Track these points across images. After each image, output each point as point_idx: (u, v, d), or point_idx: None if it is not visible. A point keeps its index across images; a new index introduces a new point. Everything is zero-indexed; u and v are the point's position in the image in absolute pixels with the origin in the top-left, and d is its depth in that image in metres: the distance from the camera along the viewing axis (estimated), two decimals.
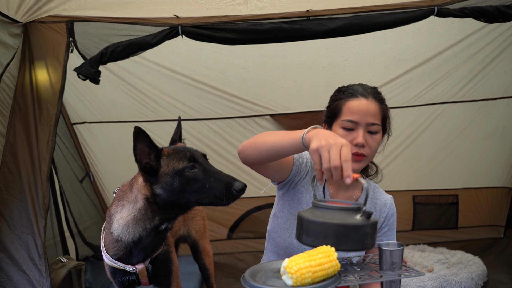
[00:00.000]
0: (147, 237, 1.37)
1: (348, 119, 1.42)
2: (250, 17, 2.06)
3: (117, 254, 1.42)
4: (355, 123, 1.42)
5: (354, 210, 0.98)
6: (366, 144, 1.42)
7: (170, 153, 1.31)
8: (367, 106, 1.42)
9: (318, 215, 0.98)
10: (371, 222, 0.96)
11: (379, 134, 1.46)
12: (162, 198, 1.29)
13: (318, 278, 0.90)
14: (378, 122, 1.44)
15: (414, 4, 2.04)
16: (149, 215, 1.33)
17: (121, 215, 1.36)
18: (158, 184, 1.28)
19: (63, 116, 3.14)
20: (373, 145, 1.45)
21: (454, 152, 3.57)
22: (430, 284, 2.69)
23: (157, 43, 2.04)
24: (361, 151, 1.42)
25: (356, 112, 1.41)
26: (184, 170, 1.27)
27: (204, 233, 2.21)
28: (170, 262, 1.59)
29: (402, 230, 3.79)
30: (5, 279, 1.87)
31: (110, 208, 1.45)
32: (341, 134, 1.43)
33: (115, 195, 1.53)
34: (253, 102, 3.21)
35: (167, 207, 1.32)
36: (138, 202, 1.32)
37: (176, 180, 1.26)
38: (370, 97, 1.44)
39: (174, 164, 1.28)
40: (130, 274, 1.47)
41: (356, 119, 1.41)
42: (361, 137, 1.40)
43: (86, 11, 2.07)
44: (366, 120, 1.41)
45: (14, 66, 2.02)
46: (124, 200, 1.39)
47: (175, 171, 1.27)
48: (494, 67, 3.08)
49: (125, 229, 1.35)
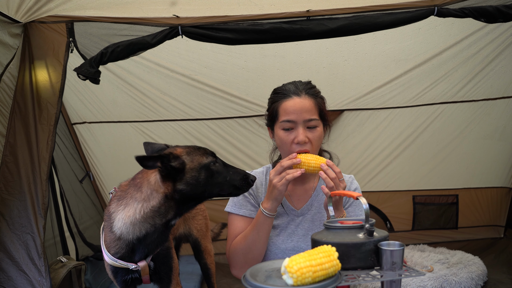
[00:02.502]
0: (154, 233, 1.39)
1: (286, 119, 1.47)
2: (250, 17, 2.06)
3: (119, 252, 1.42)
4: (293, 122, 1.47)
5: (358, 229, 1.03)
6: (308, 140, 1.46)
7: (189, 151, 1.38)
8: (301, 104, 1.46)
9: (324, 235, 1.05)
10: (374, 239, 0.99)
11: (319, 128, 1.50)
12: (184, 193, 1.34)
13: (318, 278, 0.90)
14: (316, 117, 1.48)
15: (414, 4, 2.04)
16: (162, 211, 1.35)
17: (126, 213, 1.37)
18: (183, 180, 1.33)
19: (63, 116, 3.14)
20: (314, 140, 1.49)
21: (454, 152, 3.57)
22: (430, 284, 2.69)
23: (157, 43, 2.04)
24: (304, 148, 1.46)
25: (291, 112, 1.46)
26: (209, 164, 1.35)
27: (206, 233, 2.21)
28: (171, 259, 1.61)
29: (402, 230, 3.79)
30: (5, 279, 1.87)
31: (109, 207, 1.45)
32: (282, 135, 1.49)
33: (112, 195, 1.53)
34: (253, 102, 3.22)
35: (185, 202, 1.37)
36: (152, 200, 1.34)
37: (202, 173, 1.34)
38: (303, 94, 1.48)
39: (199, 159, 1.36)
40: (133, 272, 1.48)
41: (293, 118, 1.46)
42: (301, 134, 1.45)
43: (86, 11, 2.07)
44: (302, 118, 1.46)
45: (14, 66, 2.02)
46: (128, 199, 1.39)
47: (202, 165, 1.35)
48: (494, 67, 3.08)
49: (130, 227, 1.36)
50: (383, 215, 3.77)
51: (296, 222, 1.56)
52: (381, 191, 3.72)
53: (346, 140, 3.51)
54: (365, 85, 3.20)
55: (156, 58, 2.87)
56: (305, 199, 1.60)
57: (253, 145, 3.44)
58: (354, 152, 3.53)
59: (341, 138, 3.49)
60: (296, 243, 1.53)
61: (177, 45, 2.70)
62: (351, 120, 3.44)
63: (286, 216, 1.57)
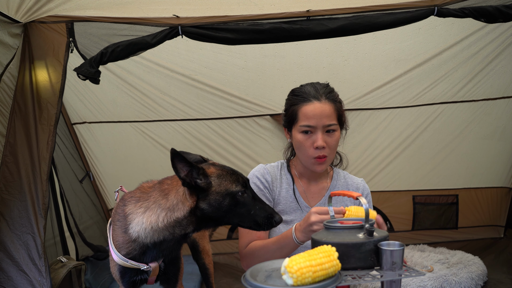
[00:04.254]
0: (171, 240, 1.38)
1: (305, 124, 1.48)
2: (250, 17, 2.06)
3: (131, 253, 1.40)
4: (312, 127, 1.47)
5: (358, 229, 1.03)
6: (326, 145, 1.48)
7: (221, 174, 1.34)
8: (321, 109, 1.47)
9: (324, 235, 1.05)
10: (374, 239, 0.99)
11: (337, 132, 1.52)
12: (205, 212, 1.32)
13: (318, 278, 0.90)
14: (335, 122, 1.49)
15: (414, 4, 2.04)
16: (183, 224, 1.34)
17: (147, 218, 1.34)
18: (206, 200, 1.31)
19: (63, 116, 3.14)
20: (332, 144, 1.51)
21: (454, 152, 3.57)
22: (430, 284, 2.69)
23: (157, 43, 2.04)
24: (323, 153, 1.48)
25: (311, 117, 1.47)
26: (237, 193, 1.32)
27: (204, 233, 2.21)
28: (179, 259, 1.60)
29: (402, 230, 3.80)
30: (5, 279, 1.86)
31: (124, 207, 1.41)
32: (301, 138, 1.50)
33: (119, 194, 1.50)
34: (253, 102, 3.21)
35: (205, 221, 1.35)
36: (177, 211, 1.33)
37: (226, 200, 1.31)
38: (323, 98, 1.48)
39: (227, 185, 1.32)
40: (142, 273, 1.46)
41: (313, 123, 1.47)
42: (320, 139, 1.46)
43: (86, 11, 2.07)
44: (322, 123, 1.47)
45: (14, 66, 2.02)
46: (150, 203, 1.36)
47: (228, 192, 1.32)
48: (494, 67, 3.08)
49: (150, 233, 1.35)
50: (383, 215, 3.77)
51: None
52: (381, 191, 3.72)
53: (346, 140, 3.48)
54: (365, 85, 3.20)
55: (156, 58, 2.87)
56: (319, 197, 1.62)
57: (253, 145, 3.44)
58: (354, 152, 3.53)
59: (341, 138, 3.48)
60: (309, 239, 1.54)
61: (177, 45, 2.70)
62: (351, 120, 3.44)
63: (300, 212, 1.59)
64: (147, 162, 3.45)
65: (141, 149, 3.42)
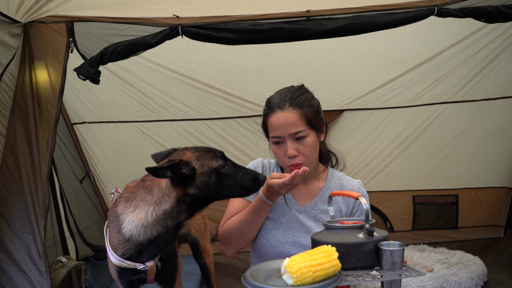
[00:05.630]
0: (165, 234, 1.39)
1: (273, 135, 1.49)
2: (250, 17, 2.06)
3: (127, 253, 1.41)
4: (280, 137, 1.47)
5: (358, 229, 1.04)
6: (297, 153, 1.47)
7: (199, 155, 1.37)
8: (285, 118, 1.46)
9: (324, 235, 1.05)
10: (374, 239, 0.99)
11: (308, 138, 1.48)
12: (195, 196, 1.34)
13: (318, 278, 0.90)
14: (302, 128, 1.46)
15: (414, 4, 2.04)
16: (174, 214, 1.36)
17: (136, 216, 1.36)
18: (194, 185, 1.33)
19: (63, 116, 3.14)
20: (305, 151, 1.48)
21: (454, 152, 3.57)
22: (430, 284, 2.69)
23: (157, 43, 2.04)
24: (296, 161, 1.47)
25: (277, 128, 1.47)
26: (219, 167, 1.35)
27: (205, 232, 2.20)
28: (176, 258, 1.62)
29: (402, 230, 3.80)
30: (5, 279, 1.86)
31: (116, 208, 1.43)
32: (274, 149, 1.52)
33: (114, 196, 1.52)
34: (253, 102, 3.22)
35: (196, 204, 1.38)
36: (164, 204, 1.34)
37: (212, 178, 1.34)
38: (287, 106, 1.47)
39: (209, 163, 1.35)
40: (140, 273, 1.47)
41: (279, 134, 1.47)
42: (290, 149, 1.46)
43: (86, 11, 2.07)
44: (288, 132, 1.45)
45: (14, 66, 2.02)
46: (137, 201, 1.38)
47: (211, 169, 1.34)
48: (494, 67, 3.08)
49: (141, 230, 1.36)
50: (383, 215, 3.77)
51: (298, 218, 1.57)
52: (381, 191, 3.72)
53: (346, 140, 3.51)
54: (365, 85, 3.20)
55: (156, 58, 2.87)
56: (309, 198, 1.60)
57: (253, 145, 3.44)
58: (354, 152, 3.53)
59: (341, 138, 3.49)
60: (297, 238, 1.54)
61: (177, 45, 2.70)
62: (351, 120, 3.44)
63: (288, 210, 1.58)
64: (147, 162, 3.43)
65: (141, 149, 3.42)
